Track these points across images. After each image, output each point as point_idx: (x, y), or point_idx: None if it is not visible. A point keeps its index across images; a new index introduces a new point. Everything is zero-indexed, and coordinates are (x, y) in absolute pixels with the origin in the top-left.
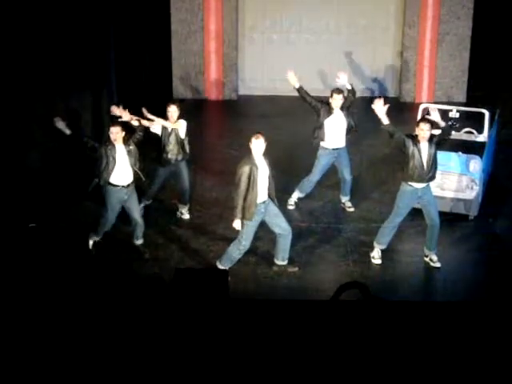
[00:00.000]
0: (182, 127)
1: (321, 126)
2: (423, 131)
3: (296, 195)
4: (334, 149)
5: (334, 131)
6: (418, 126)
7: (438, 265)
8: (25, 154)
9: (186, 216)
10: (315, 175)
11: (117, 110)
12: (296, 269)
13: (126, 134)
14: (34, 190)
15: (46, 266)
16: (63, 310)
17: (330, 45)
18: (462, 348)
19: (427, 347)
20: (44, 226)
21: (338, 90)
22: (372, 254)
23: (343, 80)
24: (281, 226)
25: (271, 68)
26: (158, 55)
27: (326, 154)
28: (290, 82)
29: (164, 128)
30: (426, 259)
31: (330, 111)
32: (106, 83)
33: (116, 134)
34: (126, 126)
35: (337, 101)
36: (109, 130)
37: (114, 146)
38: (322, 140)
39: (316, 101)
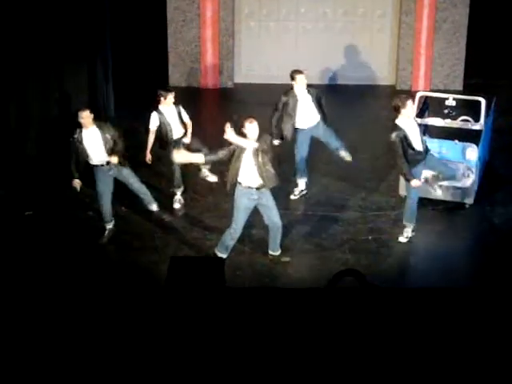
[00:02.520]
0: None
1: (292, 115)
2: (411, 108)
3: (301, 183)
4: (309, 128)
5: (304, 111)
6: (404, 106)
7: None
8: (21, 141)
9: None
10: (300, 154)
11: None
12: (288, 259)
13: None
14: (30, 178)
15: (42, 253)
16: (60, 299)
17: (327, 33)
18: (458, 334)
19: (423, 333)
20: (40, 213)
21: (299, 71)
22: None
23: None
24: (271, 220)
25: (268, 56)
26: (154, 43)
27: (303, 133)
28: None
29: (161, 115)
30: None
31: (295, 96)
32: (103, 71)
33: (86, 118)
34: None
35: (300, 80)
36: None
37: (84, 131)
38: (294, 126)
39: (282, 103)
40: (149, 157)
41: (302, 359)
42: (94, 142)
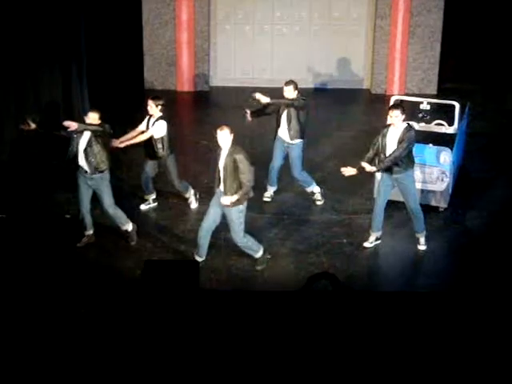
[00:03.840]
0: (157, 130)
1: (277, 119)
2: (391, 118)
3: (270, 190)
4: (284, 140)
5: (284, 125)
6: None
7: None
8: None
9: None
10: (274, 161)
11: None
12: (269, 256)
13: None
14: (3, 181)
15: (15, 257)
16: (35, 302)
17: (303, 36)
18: (431, 337)
19: (396, 336)
20: (13, 217)
21: (288, 82)
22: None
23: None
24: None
25: (243, 59)
26: (130, 45)
27: (278, 140)
28: (261, 101)
29: (148, 122)
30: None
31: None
32: (78, 74)
33: (94, 120)
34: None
35: (286, 93)
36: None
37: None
38: (277, 131)
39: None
40: (118, 144)
41: (275, 362)
42: (81, 146)
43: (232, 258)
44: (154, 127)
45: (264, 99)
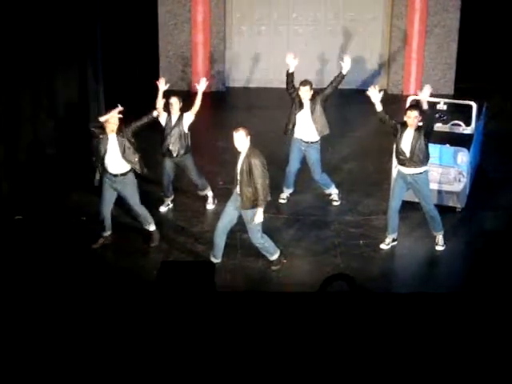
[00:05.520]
0: (186, 120)
1: (292, 119)
2: (410, 118)
3: (286, 192)
4: (303, 141)
5: (303, 124)
6: (405, 113)
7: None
8: (12, 146)
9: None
10: (291, 165)
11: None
12: (284, 260)
13: (120, 125)
14: (21, 182)
15: (32, 258)
16: (50, 303)
17: (319, 36)
18: (448, 339)
19: (412, 338)
20: (29, 218)
21: (304, 82)
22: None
23: (346, 64)
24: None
25: (259, 60)
26: (145, 47)
27: (295, 142)
28: (287, 62)
29: (168, 120)
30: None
31: (300, 105)
32: (94, 75)
33: (114, 124)
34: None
35: (303, 93)
36: (105, 120)
37: (107, 135)
38: (293, 133)
39: (294, 92)
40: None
41: (292, 363)
42: (111, 150)
43: (248, 260)
44: (187, 120)
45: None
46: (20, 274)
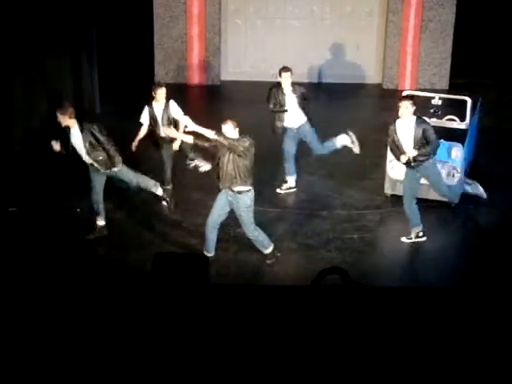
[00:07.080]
0: (173, 108)
1: (280, 116)
2: (400, 108)
3: (290, 181)
4: (294, 128)
5: (290, 111)
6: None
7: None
8: (6, 136)
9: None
10: (287, 152)
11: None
12: (278, 254)
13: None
14: (15, 173)
15: (26, 251)
16: (45, 296)
17: (314, 31)
18: (442, 334)
19: (406, 332)
20: (25, 210)
21: (285, 68)
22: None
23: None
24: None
25: (254, 53)
26: (140, 39)
27: (286, 131)
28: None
29: (154, 112)
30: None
31: (282, 93)
32: (88, 67)
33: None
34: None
35: (285, 79)
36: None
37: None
38: (283, 124)
39: (272, 97)
40: (135, 144)
41: (286, 356)
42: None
43: (241, 253)
44: (176, 108)
45: None
46: (14, 267)
